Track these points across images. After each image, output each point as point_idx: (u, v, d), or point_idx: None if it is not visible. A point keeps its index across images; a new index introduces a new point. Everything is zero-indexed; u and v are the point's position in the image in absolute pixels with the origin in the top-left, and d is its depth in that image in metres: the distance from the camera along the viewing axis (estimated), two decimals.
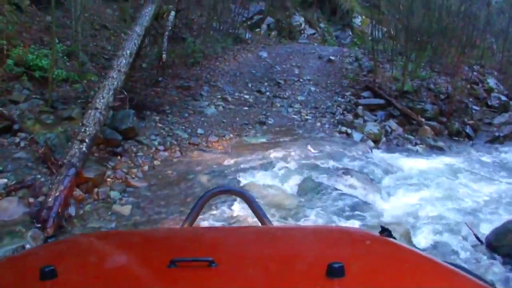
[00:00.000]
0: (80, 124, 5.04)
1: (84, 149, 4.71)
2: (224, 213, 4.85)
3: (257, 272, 1.00)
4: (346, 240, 1.25)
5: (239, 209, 4.83)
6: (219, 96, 9.67)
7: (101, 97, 5.31)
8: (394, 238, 1.22)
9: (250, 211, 1.70)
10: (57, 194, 4.13)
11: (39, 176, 4.79)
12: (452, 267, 0.98)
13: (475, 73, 12.38)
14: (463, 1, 12.61)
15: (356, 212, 5.18)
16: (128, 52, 6.52)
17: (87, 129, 4.87)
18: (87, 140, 4.78)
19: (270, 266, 1.04)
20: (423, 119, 9.85)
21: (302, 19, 17.48)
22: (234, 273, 0.98)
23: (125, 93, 5.87)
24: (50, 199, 4.10)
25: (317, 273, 0.88)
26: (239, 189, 2.13)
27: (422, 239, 4.81)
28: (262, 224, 1.60)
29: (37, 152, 5.13)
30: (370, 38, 12.94)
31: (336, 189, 5.65)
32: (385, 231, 1.22)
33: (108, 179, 5.42)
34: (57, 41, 7.70)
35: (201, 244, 1.22)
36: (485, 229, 4.89)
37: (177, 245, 1.23)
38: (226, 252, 1.13)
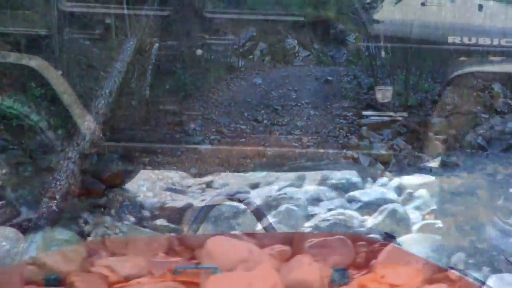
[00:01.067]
0: (51, 178, 4.47)
1: (54, 207, 4.12)
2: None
3: (261, 279, 1.06)
4: (350, 246, 1.26)
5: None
6: (214, 129, 9.23)
7: (75, 144, 4.77)
8: (399, 244, 1.28)
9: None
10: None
11: (4, 243, 4.18)
12: (457, 272, 1.06)
13: (479, 79, 11.93)
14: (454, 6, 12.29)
15: None
16: (107, 91, 6.06)
17: (57, 183, 4.30)
18: (57, 197, 4.20)
19: (274, 272, 1.10)
20: (432, 134, 9.33)
21: (296, 42, 17.23)
22: (238, 280, 1.06)
23: (103, 137, 5.35)
24: None
25: (321, 279, 1.00)
26: (244, 197, 2.14)
27: None
28: (266, 231, 1.62)
29: (4, 214, 4.54)
30: (366, 54, 12.59)
31: (351, 227, 5.17)
32: (390, 237, 1.30)
33: (88, 238, 4.79)
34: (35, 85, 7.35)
35: (205, 252, 1.23)
36: None
37: (181, 252, 1.26)
38: (230, 259, 1.16)
